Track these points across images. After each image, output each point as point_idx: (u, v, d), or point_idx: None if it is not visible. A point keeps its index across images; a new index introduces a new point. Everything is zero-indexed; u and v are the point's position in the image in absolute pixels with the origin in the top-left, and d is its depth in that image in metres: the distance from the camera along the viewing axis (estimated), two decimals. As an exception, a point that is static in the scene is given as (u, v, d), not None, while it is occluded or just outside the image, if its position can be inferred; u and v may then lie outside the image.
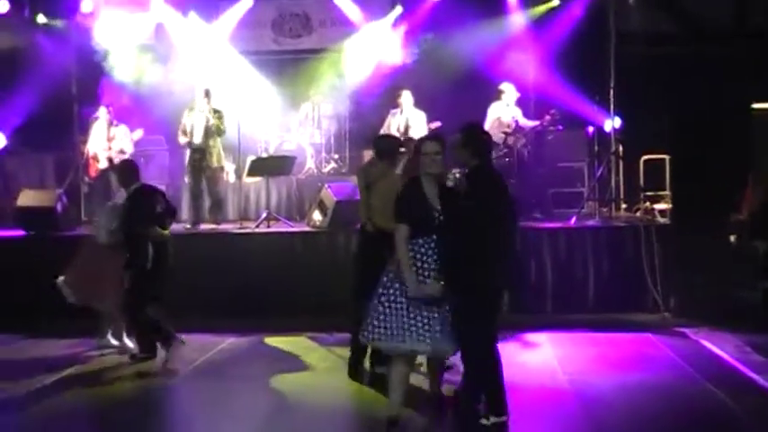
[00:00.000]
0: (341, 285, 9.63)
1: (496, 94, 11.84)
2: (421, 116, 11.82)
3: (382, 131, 11.62)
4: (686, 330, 9.22)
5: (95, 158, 11.92)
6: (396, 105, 12.00)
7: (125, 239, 8.30)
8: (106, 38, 13.57)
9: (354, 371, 7.56)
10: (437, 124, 11.64)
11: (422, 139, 6.38)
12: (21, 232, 11.26)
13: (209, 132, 11.51)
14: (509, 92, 11.80)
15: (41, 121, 12.89)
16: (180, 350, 8.21)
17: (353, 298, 7.23)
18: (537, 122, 11.85)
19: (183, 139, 11.69)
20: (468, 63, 12.67)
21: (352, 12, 13.89)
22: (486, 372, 5.87)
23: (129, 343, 8.72)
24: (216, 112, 11.56)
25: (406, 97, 11.92)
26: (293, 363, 8.37)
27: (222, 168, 12.09)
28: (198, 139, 11.54)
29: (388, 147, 7.71)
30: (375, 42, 13.98)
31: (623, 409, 6.67)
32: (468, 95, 12.34)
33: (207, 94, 11.59)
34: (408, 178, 6.25)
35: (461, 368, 6.17)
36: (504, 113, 11.72)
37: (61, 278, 8.69)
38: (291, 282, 10.35)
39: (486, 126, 11.07)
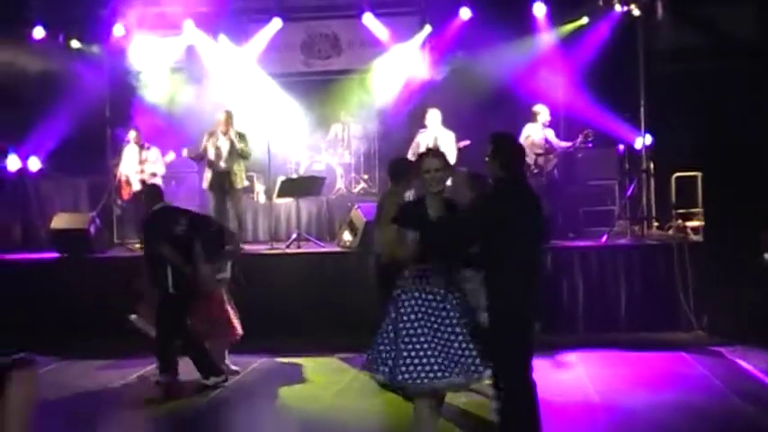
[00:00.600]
0: (372, 306, 9.65)
1: (531, 116, 11.84)
2: (449, 135, 11.82)
3: (411, 150, 11.68)
4: (720, 349, 9.11)
5: (128, 181, 12.07)
6: (424, 124, 12.01)
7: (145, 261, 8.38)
8: (139, 61, 13.77)
9: None
10: (466, 143, 11.65)
11: (421, 156, 5.88)
12: (54, 254, 11.39)
13: (233, 155, 11.61)
14: (543, 113, 11.81)
15: (75, 145, 13.04)
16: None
17: None
18: (569, 143, 11.82)
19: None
20: (496, 82, 12.65)
21: (381, 32, 13.93)
22: (519, 404, 5.38)
23: None
24: (240, 135, 11.66)
25: (433, 115, 11.92)
26: (324, 384, 8.37)
27: (245, 189, 12.14)
28: (223, 162, 11.64)
29: (397, 169, 7.72)
30: (404, 62, 14.02)
31: (656, 429, 6.60)
32: (497, 114, 12.31)
33: (230, 116, 11.69)
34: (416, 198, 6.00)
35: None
36: (535, 134, 11.72)
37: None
38: (322, 302, 10.36)
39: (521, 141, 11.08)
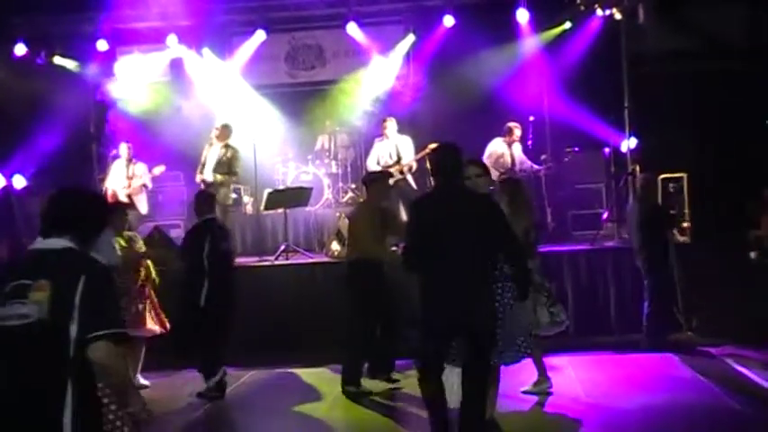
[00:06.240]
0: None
1: (506, 131, 11.93)
2: (408, 141, 12.02)
3: (370, 159, 12.21)
4: (710, 349, 9.13)
5: (115, 196, 12.01)
6: (385, 134, 12.13)
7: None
8: (122, 76, 13.76)
9: None
10: (434, 146, 11.64)
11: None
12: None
13: (218, 168, 11.62)
14: (515, 132, 11.93)
15: (61, 161, 12.96)
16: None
17: None
18: (533, 165, 12.05)
19: (198, 177, 11.85)
20: (481, 88, 12.67)
21: (365, 42, 13.93)
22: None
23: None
24: (230, 147, 11.68)
25: (392, 125, 12.15)
26: (315, 394, 8.34)
27: (230, 206, 12.05)
28: (209, 174, 11.67)
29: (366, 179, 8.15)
30: (388, 71, 14.04)
31: (647, 430, 6.61)
32: (483, 120, 12.37)
33: (223, 129, 11.74)
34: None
35: None
36: (503, 150, 11.84)
37: None
38: (312, 313, 10.33)
39: (484, 158, 11.18)
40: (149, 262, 8.73)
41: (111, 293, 3.59)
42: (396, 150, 11.98)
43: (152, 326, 8.54)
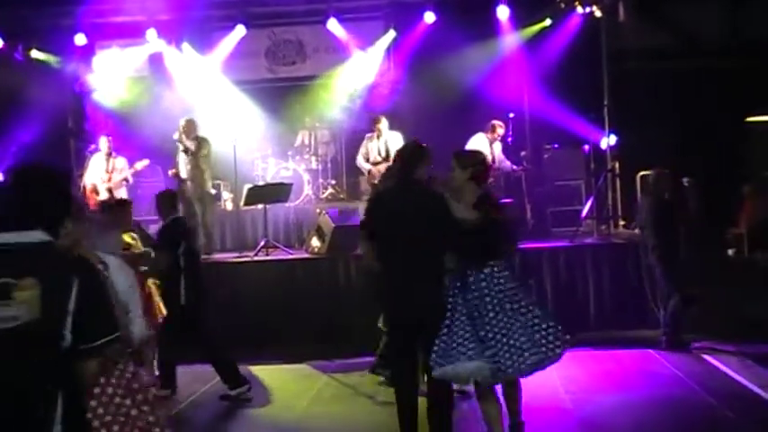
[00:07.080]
0: (341, 311, 9.67)
1: (489, 128, 11.95)
2: (398, 137, 11.98)
3: (359, 156, 12.16)
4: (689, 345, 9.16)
5: (95, 190, 11.92)
6: (375, 131, 12.12)
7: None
8: (100, 71, 13.66)
9: None
10: None
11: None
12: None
13: (193, 159, 11.62)
14: (498, 130, 11.96)
15: (39, 156, 12.80)
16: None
17: None
18: (512, 165, 12.13)
19: (170, 171, 11.81)
20: (461, 85, 12.70)
21: (345, 37, 13.91)
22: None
23: None
24: (196, 139, 11.64)
25: (385, 123, 12.13)
26: (295, 391, 8.33)
27: (210, 194, 12.00)
28: (184, 172, 11.66)
29: None
30: (369, 67, 14.03)
31: (626, 427, 6.63)
32: (463, 117, 12.39)
33: (188, 124, 11.72)
34: None
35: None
36: (485, 146, 11.88)
37: None
38: (291, 309, 10.30)
39: None
40: None
41: (106, 298, 3.24)
42: (385, 147, 11.91)
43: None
